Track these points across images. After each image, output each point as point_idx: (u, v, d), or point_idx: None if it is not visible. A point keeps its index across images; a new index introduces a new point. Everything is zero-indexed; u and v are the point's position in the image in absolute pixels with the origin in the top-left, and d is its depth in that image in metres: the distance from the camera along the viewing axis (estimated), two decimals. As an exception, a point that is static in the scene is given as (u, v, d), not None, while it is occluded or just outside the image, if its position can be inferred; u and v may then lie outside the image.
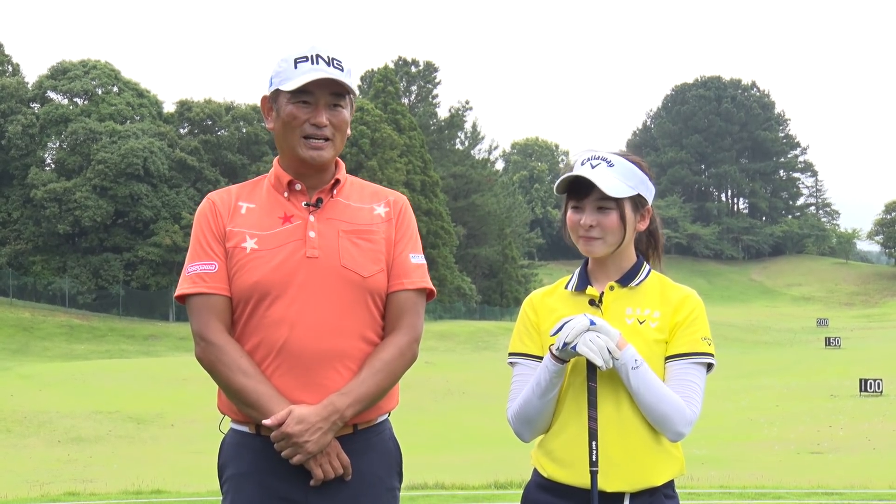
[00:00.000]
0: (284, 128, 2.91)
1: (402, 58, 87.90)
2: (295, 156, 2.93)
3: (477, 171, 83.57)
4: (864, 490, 12.25)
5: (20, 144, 63.68)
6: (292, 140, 2.91)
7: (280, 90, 2.90)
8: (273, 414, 2.75)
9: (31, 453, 21.10)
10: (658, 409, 2.73)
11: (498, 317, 73.67)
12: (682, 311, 2.86)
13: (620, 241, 2.87)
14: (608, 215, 2.85)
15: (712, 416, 25.34)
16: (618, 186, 2.84)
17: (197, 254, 2.92)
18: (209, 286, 2.88)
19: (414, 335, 2.96)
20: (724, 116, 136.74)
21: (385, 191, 3.10)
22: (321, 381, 2.83)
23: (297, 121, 2.88)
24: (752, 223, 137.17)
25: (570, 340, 2.68)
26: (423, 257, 3.07)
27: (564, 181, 2.88)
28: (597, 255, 2.90)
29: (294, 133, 2.90)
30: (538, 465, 2.91)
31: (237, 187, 3.06)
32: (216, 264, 2.89)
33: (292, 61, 2.88)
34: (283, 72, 2.89)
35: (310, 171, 2.95)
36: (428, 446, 20.31)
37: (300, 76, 2.85)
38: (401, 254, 2.99)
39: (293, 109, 2.88)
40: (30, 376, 32.89)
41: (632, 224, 2.89)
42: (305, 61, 2.87)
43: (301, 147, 2.90)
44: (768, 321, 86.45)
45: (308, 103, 2.88)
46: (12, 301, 57.07)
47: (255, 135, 69.70)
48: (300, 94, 2.87)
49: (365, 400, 2.84)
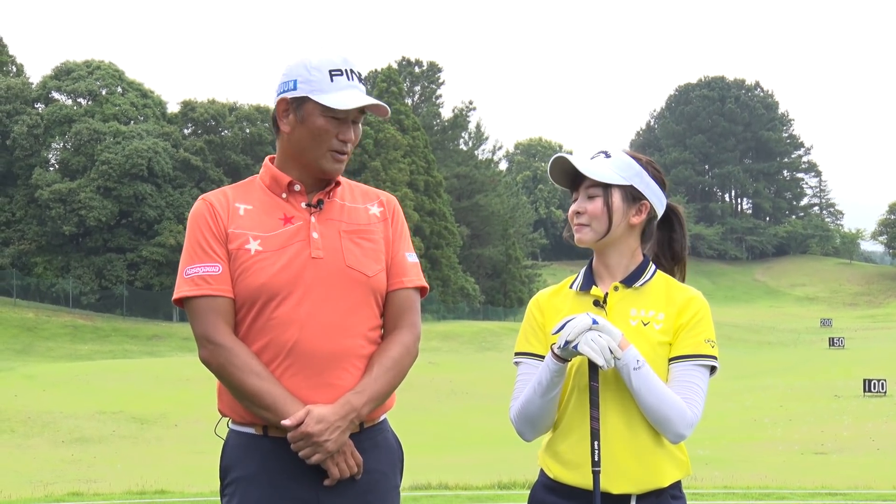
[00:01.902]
0: (312, 139, 2.89)
1: (405, 58, 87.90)
2: (316, 166, 2.93)
3: (480, 172, 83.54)
4: (868, 490, 12.23)
5: (24, 145, 63.71)
6: (318, 152, 2.90)
7: (311, 99, 2.87)
8: (289, 415, 2.76)
9: (35, 453, 21.12)
10: (659, 411, 2.72)
11: (501, 317, 73.64)
12: (687, 312, 2.84)
13: (607, 228, 2.85)
14: (594, 201, 2.86)
15: (716, 416, 25.32)
16: (604, 172, 2.85)
17: (197, 255, 2.89)
18: (214, 288, 2.86)
19: (416, 333, 3.01)
20: (728, 117, 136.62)
21: (375, 190, 3.13)
22: (331, 380, 2.84)
23: (328, 135, 2.88)
24: (756, 223, 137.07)
25: (571, 339, 2.68)
26: (416, 255, 3.12)
27: (556, 170, 2.91)
28: (585, 243, 2.90)
29: (322, 146, 2.90)
30: (545, 467, 2.91)
31: (230, 188, 3.05)
32: (220, 266, 2.88)
33: (327, 72, 2.87)
34: (317, 81, 2.86)
35: (319, 178, 2.96)
36: (431, 446, 20.31)
37: (338, 93, 2.85)
38: (398, 253, 3.03)
39: (325, 123, 2.88)
40: (33, 376, 32.91)
41: (620, 213, 2.86)
42: (340, 75, 2.87)
43: (326, 160, 2.91)
44: (772, 321, 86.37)
45: (338, 118, 2.88)
46: (16, 301, 57.12)
47: (259, 135, 69.74)
48: (334, 109, 2.86)
49: (379, 398, 2.88)
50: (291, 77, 2.91)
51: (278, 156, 3.02)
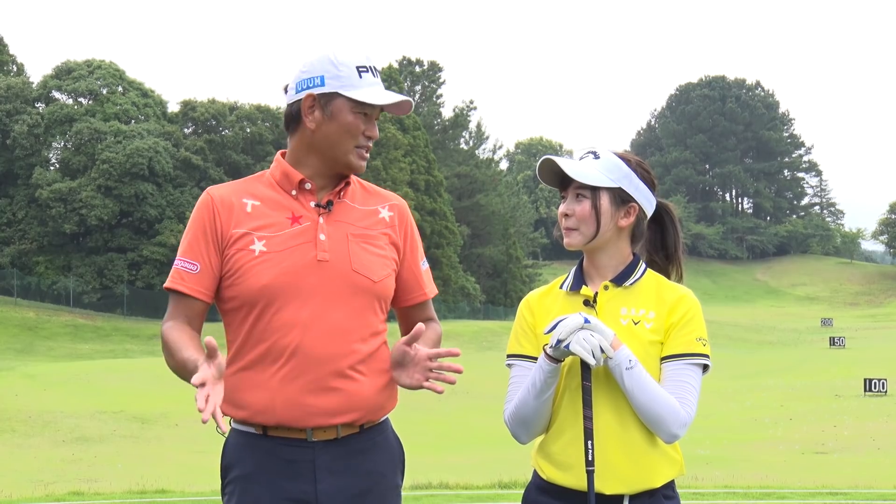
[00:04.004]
0: (341, 134, 2.88)
1: (406, 57, 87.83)
2: (342, 161, 2.92)
3: (481, 171, 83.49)
4: (869, 490, 12.24)
5: (25, 144, 63.72)
6: (346, 147, 2.90)
7: (342, 95, 2.86)
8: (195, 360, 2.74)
9: (36, 453, 21.10)
10: (652, 411, 2.72)
11: (502, 317, 73.60)
12: (678, 311, 2.84)
13: (594, 231, 2.84)
14: (581, 203, 2.84)
15: (716, 415, 25.33)
16: (591, 174, 2.84)
17: (184, 248, 2.93)
18: (186, 286, 2.89)
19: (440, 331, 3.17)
20: (729, 116, 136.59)
21: (384, 192, 3.11)
22: (334, 385, 2.83)
23: (357, 130, 2.89)
24: (757, 223, 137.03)
25: (563, 338, 2.67)
26: (426, 261, 3.15)
27: (545, 171, 2.89)
28: (574, 247, 2.89)
29: (350, 142, 2.89)
30: (538, 468, 2.91)
31: (238, 183, 3.02)
32: (198, 265, 2.89)
33: (354, 69, 2.87)
34: (346, 77, 2.86)
35: (336, 176, 2.96)
36: (432, 446, 20.32)
37: (369, 89, 2.86)
38: (414, 263, 3.06)
39: (355, 119, 2.88)
40: (34, 376, 32.91)
41: (608, 216, 2.85)
42: (367, 71, 2.88)
43: (353, 155, 2.91)
44: (773, 321, 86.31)
45: (366, 115, 2.89)
46: (17, 301, 57.14)
47: (259, 135, 69.74)
48: (363, 105, 2.87)
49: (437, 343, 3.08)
50: (316, 73, 2.88)
51: (292, 152, 2.97)
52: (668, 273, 3.03)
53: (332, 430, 2.85)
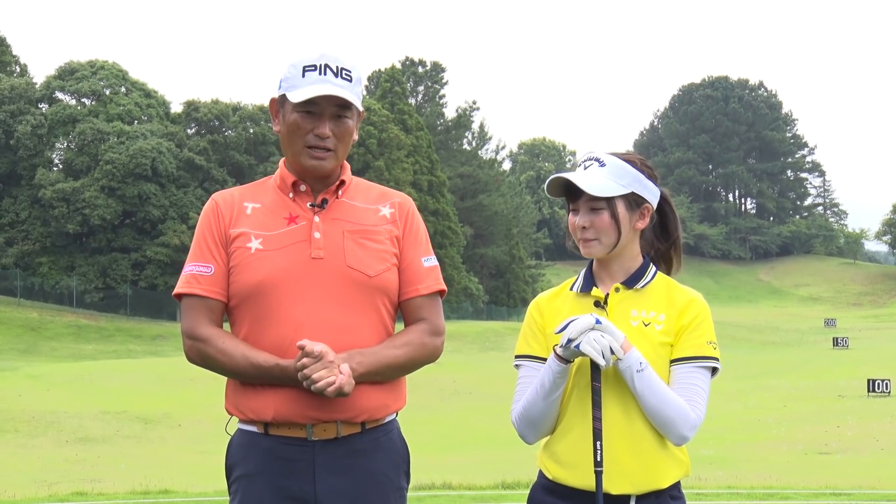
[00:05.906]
0: (290, 135, 2.92)
1: (409, 58, 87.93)
2: (297, 163, 2.94)
3: (484, 172, 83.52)
4: (872, 491, 12.23)
5: (28, 145, 63.77)
6: (295, 148, 2.92)
7: (286, 96, 2.90)
8: (285, 359, 2.78)
9: (40, 453, 21.13)
10: (662, 413, 2.73)
11: (505, 317, 73.64)
12: (688, 314, 2.85)
13: (616, 240, 2.85)
14: (600, 215, 2.84)
15: (720, 416, 25.31)
16: (604, 185, 2.83)
17: (195, 254, 2.95)
18: (203, 288, 2.90)
19: (433, 327, 2.98)
20: (732, 116, 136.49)
21: (392, 192, 3.11)
22: None
23: (301, 130, 2.90)
24: (760, 223, 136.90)
25: (573, 338, 2.68)
26: (435, 258, 3.09)
27: (553, 185, 2.89)
28: (596, 257, 2.90)
29: (298, 142, 2.91)
30: (543, 468, 2.91)
31: (243, 188, 3.08)
32: (212, 267, 2.92)
33: (300, 69, 2.89)
34: (291, 78, 2.89)
35: (313, 177, 2.97)
36: (435, 446, 20.31)
37: (306, 87, 2.85)
38: (413, 259, 3.00)
39: (297, 119, 2.89)
40: (38, 376, 32.94)
41: (627, 223, 2.86)
42: (313, 70, 2.87)
43: (303, 156, 2.92)
44: (776, 321, 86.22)
45: (313, 113, 2.88)
46: (20, 301, 57.19)
47: (263, 135, 69.78)
48: (306, 104, 2.87)
49: (379, 365, 2.84)
50: (280, 78, 2.96)
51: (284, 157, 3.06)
52: (670, 258, 3.05)
53: (332, 428, 2.85)
